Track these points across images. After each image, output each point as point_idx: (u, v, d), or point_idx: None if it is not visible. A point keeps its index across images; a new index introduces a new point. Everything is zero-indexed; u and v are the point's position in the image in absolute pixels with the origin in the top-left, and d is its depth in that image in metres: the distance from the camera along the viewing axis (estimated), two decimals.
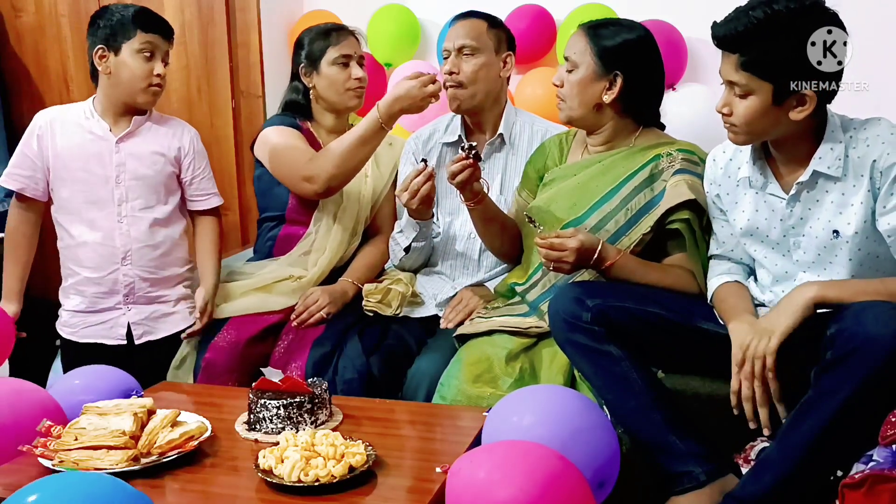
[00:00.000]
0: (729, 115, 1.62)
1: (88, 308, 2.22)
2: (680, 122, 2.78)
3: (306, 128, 2.38)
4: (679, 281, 1.88)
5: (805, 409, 1.49)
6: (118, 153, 2.20)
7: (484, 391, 1.85)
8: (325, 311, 2.21)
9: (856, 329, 1.43)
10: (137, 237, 2.21)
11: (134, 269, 2.21)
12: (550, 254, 1.81)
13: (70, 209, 2.21)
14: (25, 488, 1.12)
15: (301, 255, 2.32)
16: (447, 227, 2.37)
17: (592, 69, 1.92)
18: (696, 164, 1.92)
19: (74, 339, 2.23)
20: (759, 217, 1.71)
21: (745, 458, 1.67)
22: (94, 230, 2.20)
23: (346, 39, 2.31)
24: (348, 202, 2.36)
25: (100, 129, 2.21)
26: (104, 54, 2.15)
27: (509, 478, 1.24)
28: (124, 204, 2.20)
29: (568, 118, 1.99)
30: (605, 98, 1.93)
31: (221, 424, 1.69)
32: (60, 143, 2.20)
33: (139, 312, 2.23)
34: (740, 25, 1.54)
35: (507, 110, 2.32)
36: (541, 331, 1.97)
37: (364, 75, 2.33)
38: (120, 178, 2.19)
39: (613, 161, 1.98)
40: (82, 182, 2.19)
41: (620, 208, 1.93)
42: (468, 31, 2.22)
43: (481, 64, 2.21)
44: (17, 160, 2.22)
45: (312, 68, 2.32)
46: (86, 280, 2.21)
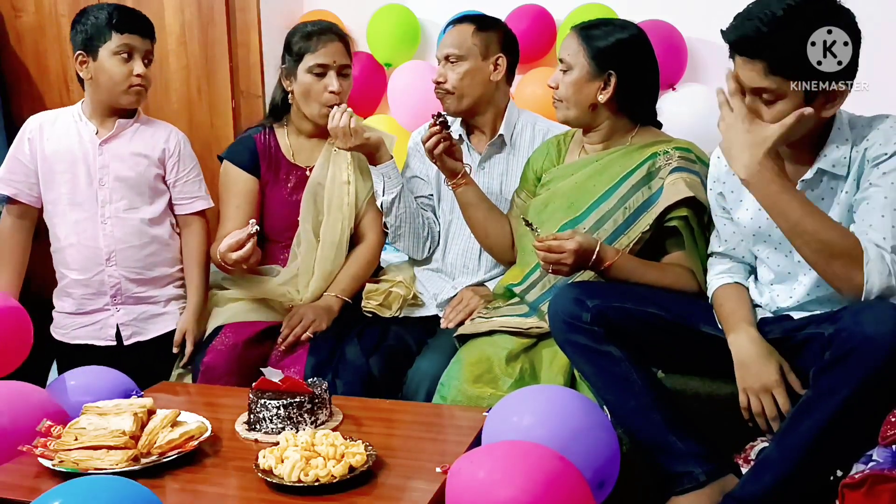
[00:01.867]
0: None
1: (78, 310, 2.22)
2: (680, 122, 2.78)
3: (264, 140, 2.29)
4: (678, 280, 1.88)
5: (804, 409, 1.49)
6: (101, 155, 2.19)
7: (484, 391, 1.86)
8: (310, 332, 2.13)
9: (854, 329, 1.42)
10: (122, 238, 2.20)
11: (119, 269, 2.20)
12: (549, 256, 1.81)
13: (56, 211, 2.21)
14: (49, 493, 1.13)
15: (292, 277, 2.25)
16: (447, 226, 2.37)
17: (586, 70, 1.93)
18: (692, 162, 1.92)
19: (66, 341, 2.23)
20: (763, 216, 1.69)
21: (745, 458, 1.67)
22: (79, 232, 2.19)
23: (326, 47, 2.19)
24: (329, 214, 2.27)
25: (86, 132, 2.21)
26: (84, 59, 2.15)
27: (509, 478, 1.24)
28: (108, 205, 2.19)
29: (564, 118, 2.01)
30: (601, 98, 1.94)
31: (221, 424, 1.69)
32: (48, 146, 2.20)
33: (128, 313, 2.23)
34: (761, 26, 1.47)
35: (509, 111, 2.32)
36: (542, 331, 1.97)
37: (341, 88, 2.20)
38: (103, 179, 2.19)
39: (610, 160, 1.99)
40: (67, 184, 2.19)
41: (618, 207, 1.93)
42: (454, 38, 2.24)
43: (465, 72, 2.22)
44: (9, 165, 2.22)
45: (291, 73, 2.24)
46: (73, 282, 2.21)
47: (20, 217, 2.23)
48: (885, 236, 1.50)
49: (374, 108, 3.27)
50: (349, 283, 2.27)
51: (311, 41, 2.19)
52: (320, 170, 2.28)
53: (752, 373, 1.60)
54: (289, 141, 2.31)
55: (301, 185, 2.27)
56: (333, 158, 2.29)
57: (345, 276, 2.28)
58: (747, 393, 1.61)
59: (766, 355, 1.60)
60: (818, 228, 1.48)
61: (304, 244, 2.25)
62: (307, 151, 2.31)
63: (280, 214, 2.27)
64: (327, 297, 2.24)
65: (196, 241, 2.31)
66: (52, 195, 2.21)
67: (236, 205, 2.25)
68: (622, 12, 2.87)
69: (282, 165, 2.29)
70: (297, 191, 2.27)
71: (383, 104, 3.26)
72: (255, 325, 2.18)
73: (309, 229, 2.25)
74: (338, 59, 2.20)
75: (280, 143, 2.30)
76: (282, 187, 2.28)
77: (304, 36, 2.22)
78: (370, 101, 3.23)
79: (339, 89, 2.19)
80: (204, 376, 2.08)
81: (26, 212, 2.24)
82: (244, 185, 2.26)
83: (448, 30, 2.30)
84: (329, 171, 2.29)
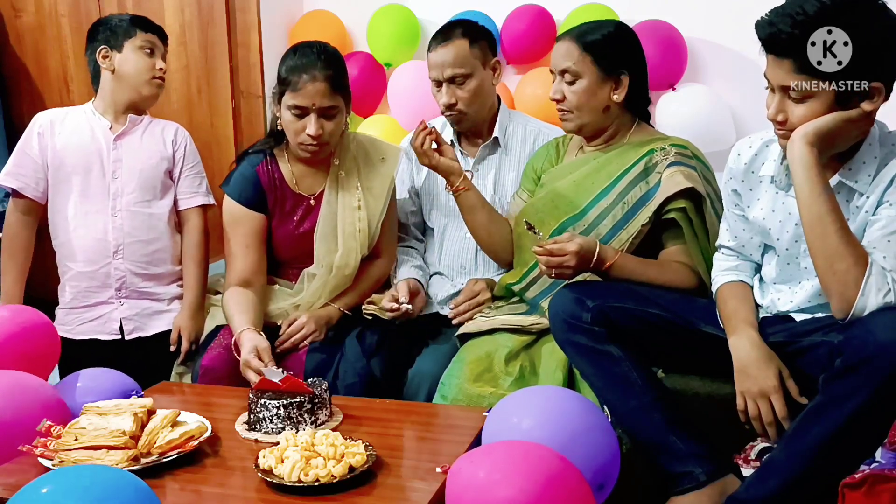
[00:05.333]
0: (783, 122, 1.53)
1: (82, 303, 2.26)
2: (680, 122, 2.79)
3: (267, 171, 2.17)
4: (678, 276, 1.89)
5: (813, 415, 1.47)
6: (116, 149, 2.25)
7: (485, 390, 1.86)
8: (308, 341, 2.10)
9: (866, 337, 1.41)
10: (130, 231, 2.24)
11: (125, 262, 2.24)
12: (551, 260, 1.81)
13: (66, 204, 2.25)
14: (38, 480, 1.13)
15: (296, 301, 2.19)
16: (443, 229, 2.37)
17: (596, 75, 1.93)
18: (689, 158, 1.94)
19: (71, 337, 2.24)
20: (774, 218, 1.68)
21: (745, 458, 1.67)
22: (87, 224, 2.23)
23: (305, 88, 2.00)
24: (344, 245, 2.18)
25: (99, 127, 2.27)
26: (107, 54, 2.25)
27: (509, 478, 1.24)
28: (119, 198, 2.24)
29: (577, 127, 2.00)
30: (615, 97, 1.96)
31: (221, 424, 1.69)
32: (60, 141, 2.25)
33: (131, 308, 2.26)
34: (792, 26, 1.45)
35: (500, 113, 2.32)
36: (542, 327, 1.98)
37: (319, 131, 2.03)
38: (116, 172, 2.24)
39: (608, 158, 2.00)
40: (78, 175, 2.23)
41: (617, 202, 1.94)
42: (454, 58, 2.19)
43: (476, 87, 2.21)
44: (16, 160, 2.26)
45: (277, 101, 2.10)
46: (79, 274, 2.25)
47: (26, 213, 2.27)
48: (885, 255, 1.49)
49: (373, 109, 3.27)
50: (354, 298, 2.23)
51: (294, 76, 2.01)
52: (330, 198, 2.19)
53: (750, 377, 1.59)
54: (291, 168, 2.19)
55: (307, 214, 2.20)
56: (342, 182, 2.21)
57: (352, 292, 2.23)
58: (745, 396, 1.60)
59: (766, 360, 1.60)
60: (837, 229, 1.46)
61: (318, 278, 2.19)
62: (310, 178, 2.21)
63: (288, 246, 2.22)
64: (329, 308, 2.19)
65: (195, 237, 2.33)
66: (62, 187, 2.25)
67: (245, 244, 2.16)
68: (622, 12, 2.88)
69: (287, 197, 2.19)
70: (303, 222, 2.20)
71: (383, 104, 3.26)
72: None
73: (322, 265, 2.19)
74: (318, 101, 2.01)
75: (283, 172, 2.18)
76: (288, 221, 2.20)
77: (290, 68, 2.03)
78: (370, 101, 3.23)
79: (315, 133, 2.02)
80: (203, 378, 2.07)
81: (32, 208, 2.27)
82: (251, 224, 2.16)
83: (437, 50, 2.21)
84: (339, 199, 2.20)
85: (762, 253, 1.79)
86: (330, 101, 2.03)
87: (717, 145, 2.72)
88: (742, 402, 1.61)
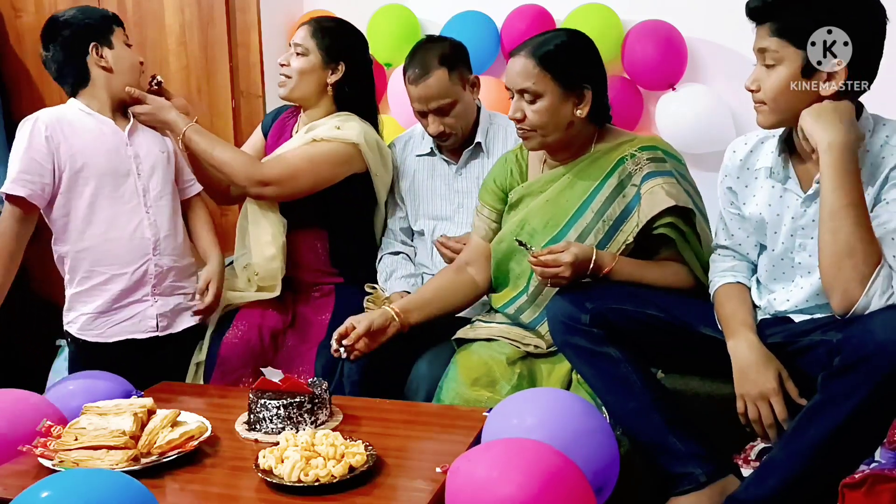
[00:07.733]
0: (757, 90, 1.60)
1: (115, 306, 2.17)
2: (680, 123, 2.79)
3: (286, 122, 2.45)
4: (677, 276, 1.87)
5: (812, 414, 1.47)
6: (130, 146, 2.19)
7: (482, 395, 1.85)
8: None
9: (865, 336, 1.41)
10: (163, 226, 2.22)
11: (163, 258, 2.21)
12: (546, 271, 1.79)
13: (93, 208, 2.14)
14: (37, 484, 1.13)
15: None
16: (432, 230, 2.37)
17: (557, 93, 1.86)
18: (662, 161, 1.89)
19: (101, 341, 2.16)
20: (771, 212, 1.68)
21: (745, 458, 1.67)
22: (121, 225, 2.16)
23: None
24: None
25: (107, 126, 2.18)
26: (100, 50, 2.15)
27: (508, 475, 1.25)
28: (148, 194, 2.20)
29: (541, 145, 1.93)
30: (579, 113, 1.88)
31: (221, 424, 1.69)
32: (76, 142, 2.13)
33: (165, 304, 2.22)
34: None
35: (481, 117, 2.32)
36: (540, 352, 1.94)
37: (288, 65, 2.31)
38: (139, 169, 2.20)
39: (579, 170, 1.94)
40: (106, 177, 2.15)
41: (597, 220, 1.90)
42: (437, 91, 2.18)
43: (461, 111, 2.23)
44: (24, 166, 2.09)
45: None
46: (113, 278, 2.16)
47: (25, 220, 2.12)
48: (894, 254, 1.48)
49: None
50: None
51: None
52: None
53: (749, 379, 1.59)
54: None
55: None
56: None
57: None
58: (745, 399, 1.59)
59: (765, 362, 1.59)
60: (852, 223, 1.46)
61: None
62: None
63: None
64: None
65: (204, 215, 2.36)
66: (82, 191, 2.13)
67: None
68: (622, 12, 2.88)
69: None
70: None
71: (384, 104, 3.25)
72: (266, 317, 2.22)
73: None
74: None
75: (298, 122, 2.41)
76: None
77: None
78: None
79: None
80: (220, 368, 2.10)
81: (31, 217, 2.14)
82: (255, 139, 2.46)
83: (417, 85, 2.20)
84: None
85: (758, 253, 1.79)
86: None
87: (716, 145, 2.72)
88: (742, 404, 1.60)
